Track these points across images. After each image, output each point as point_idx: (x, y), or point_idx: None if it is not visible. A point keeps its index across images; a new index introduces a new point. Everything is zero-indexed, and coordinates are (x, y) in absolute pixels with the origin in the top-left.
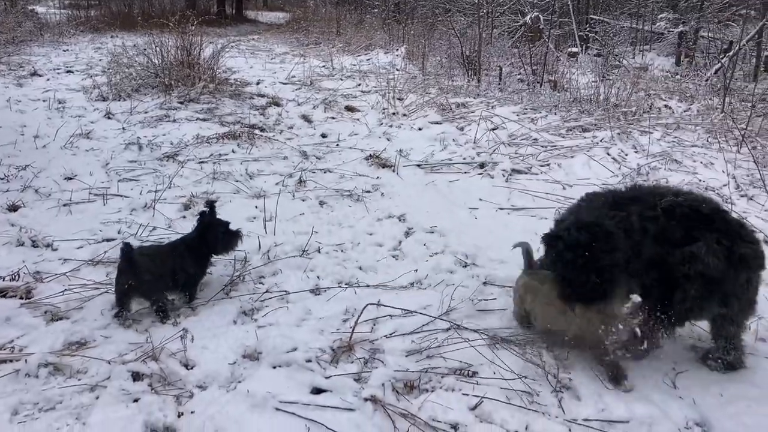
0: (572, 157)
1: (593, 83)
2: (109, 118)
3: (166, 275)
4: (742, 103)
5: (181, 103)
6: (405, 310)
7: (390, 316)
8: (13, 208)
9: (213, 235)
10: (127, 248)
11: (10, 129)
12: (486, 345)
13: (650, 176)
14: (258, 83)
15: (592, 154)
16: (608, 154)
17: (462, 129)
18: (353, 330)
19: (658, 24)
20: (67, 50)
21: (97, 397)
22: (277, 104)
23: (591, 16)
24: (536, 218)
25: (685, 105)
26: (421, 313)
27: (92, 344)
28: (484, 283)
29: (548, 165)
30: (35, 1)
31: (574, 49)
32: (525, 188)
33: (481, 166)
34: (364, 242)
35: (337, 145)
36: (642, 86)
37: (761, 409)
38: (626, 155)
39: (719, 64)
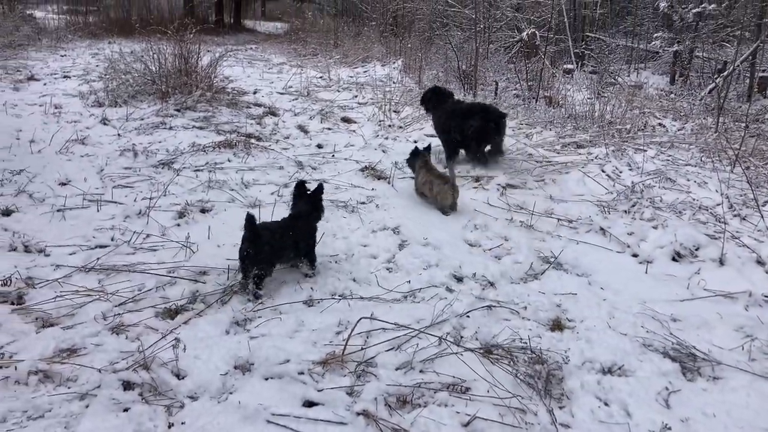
0: (567, 173)
1: (588, 100)
2: (104, 124)
3: (285, 247)
4: (736, 123)
5: (178, 110)
6: (398, 324)
7: (383, 329)
8: (7, 213)
9: (321, 205)
10: (251, 219)
11: (5, 133)
12: (479, 360)
13: (644, 194)
14: (255, 93)
15: (586, 170)
16: (603, 170)
17: None
18: (346, 343)
19: (653, 43)
20: (65, 55)
21: (87, 406)
22: (274, 114)
23: (587, 33)
24: (528, 229)
25: (680, 124)
26: (414, 328)
27: (83, 352)
28: (478, 298)
29: (543, 180)
30: (34, 5)
31: (570, 66)
32: (520, 202)
33: (476, 179)
34: (358, 254)
35: (333, 156)
36: (637, 104)
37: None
38: (620, 172)
39: (713, 84)
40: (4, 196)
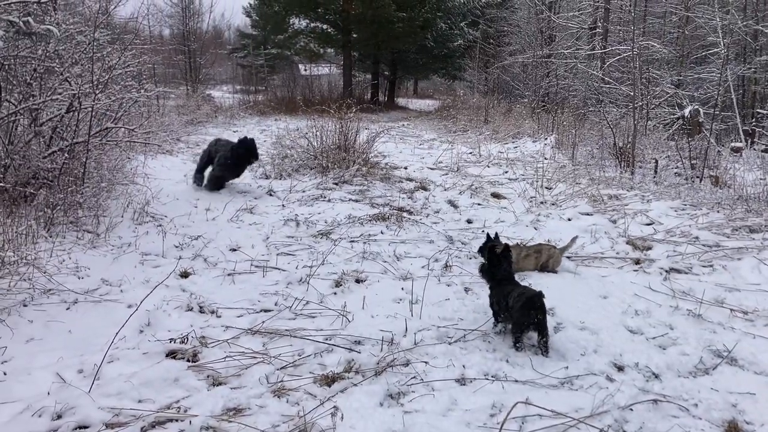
0: (739, 259)
1: (761, 180)
2: (270, 195)
3: None
4: None
5: (336, 184)
6: (555, 412)
7: (539, 415)
8: (185, 275)
9: None
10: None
11: (186, 201)
12: None
13: None
14: (406, 168)
15: (762, 257)
16: None
17: (614, 222)
18: (501, 427)
19: None
20: (237, 131)
21: None
22: (425, 188)
23: (758, 110)
24: (696, 318)
25: None
26: (572, 417)
27: (248, 412)
28: (641, 390)
29: (711, 266)
30: (211, 86)
31: (739, 144)
32: (686, 289)
33: (636, 262)
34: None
35: (483, 231)
36: None
37: None
38: None
39: None
40: (183, 259)
